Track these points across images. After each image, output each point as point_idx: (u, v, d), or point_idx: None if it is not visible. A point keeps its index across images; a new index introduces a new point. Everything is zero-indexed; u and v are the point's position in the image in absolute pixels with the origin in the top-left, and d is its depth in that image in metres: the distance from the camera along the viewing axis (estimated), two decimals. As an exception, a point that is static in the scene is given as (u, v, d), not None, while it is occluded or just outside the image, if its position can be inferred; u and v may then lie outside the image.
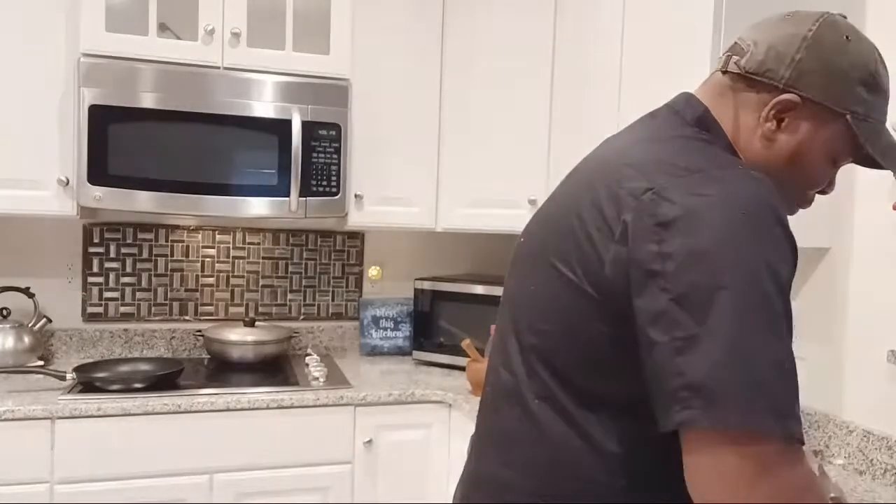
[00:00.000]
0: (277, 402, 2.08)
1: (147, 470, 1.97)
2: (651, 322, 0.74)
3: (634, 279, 0.76)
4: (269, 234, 2.67)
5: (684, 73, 1.65)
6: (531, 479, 0.88)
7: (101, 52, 2.09)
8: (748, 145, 0.90)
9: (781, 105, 0.87)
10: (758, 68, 0.89)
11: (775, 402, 0.69)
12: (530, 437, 0.88)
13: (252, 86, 2.22)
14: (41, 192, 2.12)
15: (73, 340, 2.46)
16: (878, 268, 1.63)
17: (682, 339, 0.71)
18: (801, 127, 0.88)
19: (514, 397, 0.91)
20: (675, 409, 0.71)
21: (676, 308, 0.72)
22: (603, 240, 0.80)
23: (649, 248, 0.75)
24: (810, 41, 0.87)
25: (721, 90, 0.92)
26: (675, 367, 0.71)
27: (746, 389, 0.69)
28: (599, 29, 2.06)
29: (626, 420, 0.82)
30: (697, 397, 0.69)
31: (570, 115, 2.25)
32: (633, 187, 0.80)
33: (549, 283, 0.88)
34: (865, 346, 1.64)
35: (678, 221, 0.75)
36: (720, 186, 0.77)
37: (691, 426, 0.70)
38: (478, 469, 0.98)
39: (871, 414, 1.62)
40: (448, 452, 2.24)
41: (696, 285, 0.72)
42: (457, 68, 2.48)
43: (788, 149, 0.89)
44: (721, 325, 0.70)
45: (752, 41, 0.90)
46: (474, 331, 2.39)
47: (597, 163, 0.92)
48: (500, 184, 2.43)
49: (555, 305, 0.87)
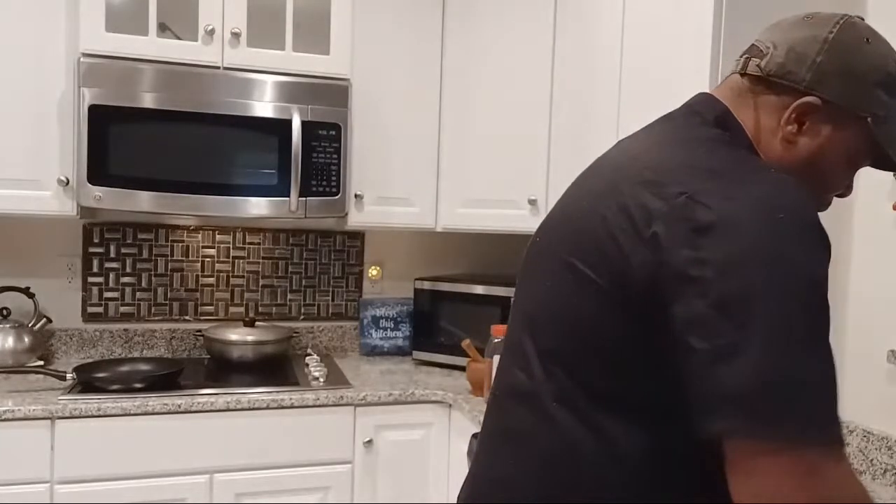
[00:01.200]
0: (277, 402, 2.08)
1: (147, 470, 1.97)
2: (689, 329, 0.73)
3: (670, 285, 0.75)
4: (269, 234, 2.67)
5: (684, 74, 1.65)
6: (544, 480, 0.87)
7: (101, 52, 2.09)
8: (768, 147, 0.89)
9: (803, 108, 0.87)
10: (778, 70, 0.88)
11: (817, 409, 0.69)
12: (544, 439, 0.87)
13: (252, 86, 2.22)
14: (41, 192, 2.12)
15: (73, 340, 2.46)
16: (878, 268, 1.63)
17: (722, 346, 0.70)
18: (822, 130, 0.88)
19: (528, 398, 0.90)
20: (714, 419, 0.70)
21: (716, 315, 0.71)
22: (629, 242, 0.79)
23: (686, 254, 0.74)
24: (831, 43, 0.87)
25: (739, 92, 0.92)
26: (714, 376, 0.70)
27: (790, 399, 0.68)
28: (599, 28, 2.06)
29: (643, 423, 0.82)
30: (738, 407, 0.69)
31: (571, 115, 2.25)
32: (663, 191, 0.79)
33: (567, 282, 0.87)
34: (865, 346, 1.64)
35: (715, 227, 0.74)
36: (754, 190, 0.76)
37: (733, 436, 0.70)
38: (488, 469, 0.96)
39: (871, 414, 1.62)
40: (448, 452, 2.24)
41: (735, 292, 0.71)
42: (457, 68, 2.48)
43: (809, 151, 0.88)
44: (762, 332, 0.69)
45: (770, 43, 0.90)
46: (474, 331, 2.38)
47: (616, 165, 0.90)
48: (500, 184, 2.43)
49: (574, 306, 0.86)
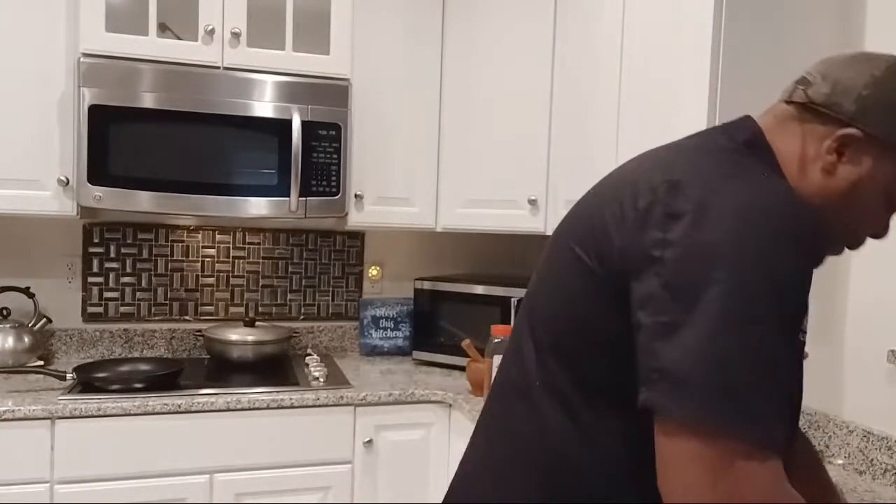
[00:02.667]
0: (277, 402, 2.08)
1: (147, 470, 1.97)
2: (640, 305, 0.76)
3: (635, 264, 0.77)
4: (269, 234, 2.67)
5: (684, 74, 1.65)
6: (532, 473, 0.88)
7: (101, 52, 2.09)
8: (806, 175, 0.89)
9: (844, 139, 0.87)
10: (824, 101, 0.89)
11: (747, 404, 0.69)
12: (533, 432, 0.89)
13: (252, 86, 2.22)
14: (41, 192, 2.12)
15: (73, 340, 2.46)
16: (878, 268, 1.63)
17: (664, 323, 0.72)
18: (863, 162, 0.87)
19: (520, 392, 0.92)
20: (643, 390, 0.73)
21: (665, 294, 0.73)
22: (616, 225, 0.82)
23: (654, 235, 0.77)
24: (877, 79, 0.87)
25: (783, 119, 0.92)
26: (652, 349, 0.73)
27: (715, 385, 0.69)
28: (599, 29, 2.06)
29: (628, 416, 0.82)
30: (664, 381, 0.71)
31: (571, 115, 2.25)
32: (652, 178, 0.82)
33: (563, 266, 0.89)
34: (865, 346, 1.64)
35: (688, 214, 0.76)
36: (740, 186, 0.78)
37: (657, 411, 0.71)
38: (475, 464, 0.98)
39: (871, 414, 1.62)
40: (448, 452, 2.24)
41: (689, 275, 0.73)
42: (457, 68, 2.48)
43: (847, 182, 0.88)
44: (705, 318, 0.70)
45: (819, 74, 0.91)
46: (474, 331, 2.39)
47: (631, 164, 0.93)
48: (500, 184, 2.43)
49: (566, 288, 0.88)
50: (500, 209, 2.43)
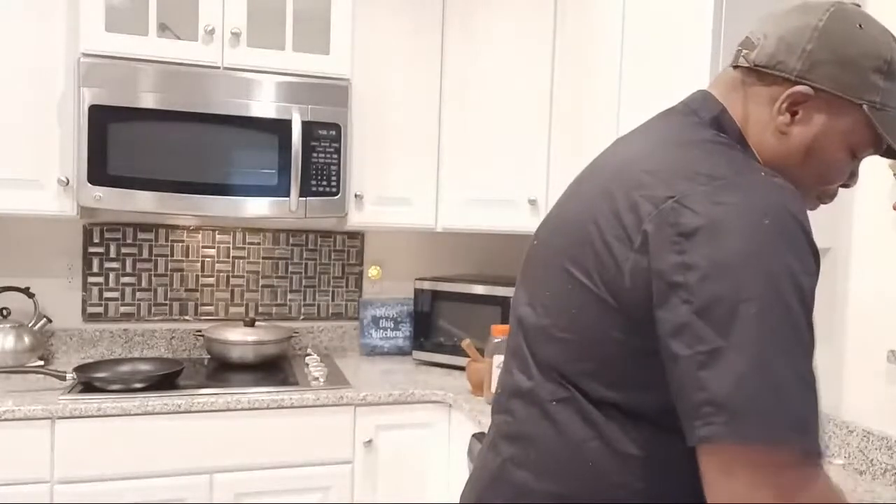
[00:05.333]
0: (277, 402, 2.08)
1: (147, 470, 1.97)
2: (673, 335, 0.73)
3: (656, 290, 0.75)
4: (269, 234, 2.67)
5: (684, 74, 1.65)
6: (549, 480, 0.87)
7: (101, 52, 2.09)
8: (761, 139, 0.88)
9: (794, 97, 0.86)
10: (768, 61, 0.87)
11: (798, 418, 0.69)
12: (548, 438, 0.87)
13: (252, 86, 2.22)
14: (41, 192, 2.12)
15: (73, 340, 2.46)
16: (878, 268, 1.63)
17: (705, 353, 0.70)
18: (816, 119, 0.86)
19: (529, 398, 0.91)
20: (697, 425, 0.70)
21: (699, 321, 0.71)
22: (622, 248, 0.79)
23: (671, 259, 0.74)
24: (821, 31, 0.85)
25: (733, 85, 0.91)
26: (698, 381, 0.70)
27: (770, 404, 0.68)
28: (599, 29, 2.06)
29: (645, 425, 0.82)
30: (721, 413, 0.69)
31: (570, 114, 2.25)
32: (653, 195, 0.79)
33: (564, 289, 0.87)
34: (865, 346, 1.64)
35: (700, 231, 0.74)
36: (743, 194, 0.76)
37: (716, 441, 0.69)
38: (494, 469, 0.96)
39: (871, 414, 1.62)
40: (448, 452, 2.24)
41: (718, 297, 0.71)
42: (457, 68, 2.48)
43: (804, 142, 0.87)
44: (744, 338, 0.69)
45: (762, 34, 0.89)
46: (474, 331, 2.39)
47: (613, 168, 0.90)
48: (500, 184, 2.43)
49: (570, 312, 0.86)
50: (500, 209, 2.43)
